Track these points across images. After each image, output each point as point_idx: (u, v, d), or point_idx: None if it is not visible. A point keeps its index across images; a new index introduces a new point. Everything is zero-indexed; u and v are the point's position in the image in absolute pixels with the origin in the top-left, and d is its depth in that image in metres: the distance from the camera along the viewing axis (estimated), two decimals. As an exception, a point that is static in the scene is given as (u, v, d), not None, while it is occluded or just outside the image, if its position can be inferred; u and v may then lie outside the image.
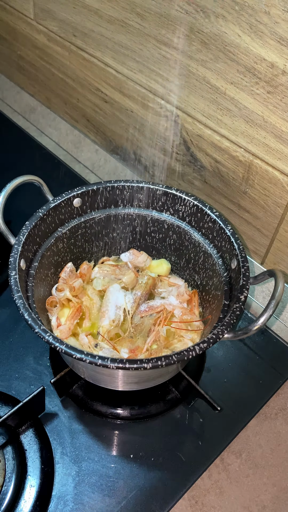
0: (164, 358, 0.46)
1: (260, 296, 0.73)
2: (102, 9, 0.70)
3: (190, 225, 0.66)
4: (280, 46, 0.51)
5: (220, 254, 0.62)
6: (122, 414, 0.63)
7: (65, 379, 0.62)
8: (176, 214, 0.66)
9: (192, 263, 0.68)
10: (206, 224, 0.63)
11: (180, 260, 0.70)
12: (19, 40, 0.95)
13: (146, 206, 0.68)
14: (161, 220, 0.68)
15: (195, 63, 0.61)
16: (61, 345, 0.47)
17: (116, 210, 0.68)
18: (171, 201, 0.65)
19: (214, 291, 0.62)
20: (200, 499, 0.57)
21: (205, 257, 0.64)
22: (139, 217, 0.68)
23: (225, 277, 0.60)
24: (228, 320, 0.51)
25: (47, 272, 0.64)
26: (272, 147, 0.58)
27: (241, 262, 0.56)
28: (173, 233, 0.68)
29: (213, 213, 0.62)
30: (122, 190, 0.66)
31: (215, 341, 0.49)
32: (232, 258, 0.59)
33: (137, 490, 0.56)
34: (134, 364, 0.45)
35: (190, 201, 0.64)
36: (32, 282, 0.58)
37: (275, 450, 0.61)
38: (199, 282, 0.67)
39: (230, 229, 0.60)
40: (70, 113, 0.94)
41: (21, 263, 0.56)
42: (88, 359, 0.46)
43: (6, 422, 0.57)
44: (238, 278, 0.56)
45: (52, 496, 0.55)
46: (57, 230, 0.65)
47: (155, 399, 0.64)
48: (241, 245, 0.58)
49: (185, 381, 0.62)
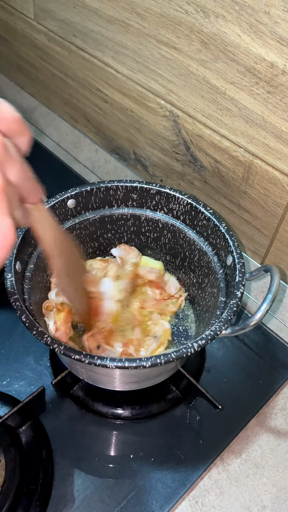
0: (163, 356, 0.46)
1: (257, 294, 0.73)
2: (102, 9, 0.70)
3: (184, 223, 0.66)
4: (280, 46, 0.51)
5: (215, 251, 0.62)
6: (122, 414, 0.63)
7: (65, 380, 0.62)
8: (170, 212, 0.66)
9: (187, 262, 0.68)
10: (200, 222, 0.63)
11: (175, 258, 0.70)
12: (19, 40, 0.95)
13: (140, 206, 0.68)
14: (156, 219, 0.68)
15: (195, 63, 0.61)
16: (60, 346, 0.47)
17: (110, 210, 0.68)
18: (165, 200, 0.65)
19: (210, 289, 0.62)
20: (200, 499, 0.57)
21: (200, 255, 0.65)
22: (133, 217, 0.68)
23: (220, 274, 0.60)
24: (226, 316, 0.51)
25: (42, 274, 0.63)
26: (272, 147, 0.58)
27: (236, 259, 0.56)
28: (167, 232, 0.68)
29: (207, 210, 0.62)
30: (116, 190, 0.66)
31: (213, 338, 0.49)
32: (227, 255, 0.59)
33: (137, 490, 0.56)
34: (133, 363, 0.46)
35: (184, 200, 0.64)
36: (28, 285, 0.58)
37: (275, 450, 0.61)
38: (194, 280, 0.67)
39: (224, 226, 0.60)
40: (70, 113, 0.94)
41: (16, 265, 0.56)
42: (87, 359, 0.46)
43: (6, 422, 0.57)
44: (234, 275, 0.56)
45: (52, 496, 0.55)
46: None
47: (156, 398, 0.64)
48: (236, 241, 0.58)
49: (186, 380, 0.62)
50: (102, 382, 0.60)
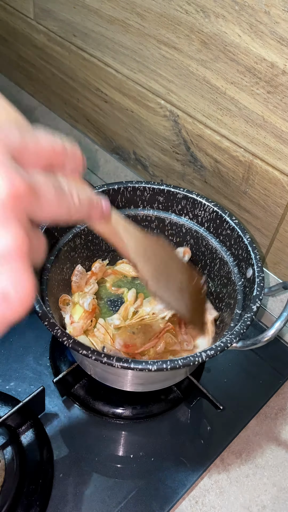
0: (170, 362, 0.46)
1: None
2: (102, 9, 0.70)
3: (208, 230, 0.65)
4: (280, 46, 0.51)
5: (237, 262, 0.61)
6: (123, 413, 0.63)
7: (66, 379, 0.62)
8: (195, 218, 0.66)
9: (207, 270, 0.67)
10: (224, 231, 0.63)
11: (195, 265, 0.69)
12: (19, 40, 0.95)
13: (166, 209, 0.67)
14: (180, 223, 0.67)
15: (195, 63, 0.61)
16: (69, 340, 0.47)
17: (135, 210, 0.67)
18: (190, 206, 0.65)
19: (228, 299, 0.61)
20: (200, 499, 0.57)
21: (221, 264, 0.64)
22: (157, 219, 0.68)
23: (239, 286, 0.59)
24: (238, 330, 0.50)
25: (62, 266, 0.63)
26: (272, 147, 0.58)
27: (256, 272, 0.55)
28: (190, 237, 0.67)
29: (232, 220, 0.61)
30: (143, 191, 0.66)
31: (223, 349, 0.48)
32: (248, 267, 0.58)
33: (137, 490, 0.56)
34: (139, 365, 0.45)
35: (210, 207, 0.63)
36: (47, 275, 0.58)
37: (275, 450, 0.61)
38: (213, 289, 0.67)
39: (248, 238, 0.59)
40: (70, 113, 0.94)
41: None
42: (94, 356, 0.46)
43: (6, 422, 0.57)
44: (252, 288, 0.55)
45: (52, 496, 0.55)
46: (76, 226, 0.64)
47: (157, 398, 0.64)
48: (258, 254, 0.57)
49: (187, 380, 0.62)
50: (109, 380, 0.60)
